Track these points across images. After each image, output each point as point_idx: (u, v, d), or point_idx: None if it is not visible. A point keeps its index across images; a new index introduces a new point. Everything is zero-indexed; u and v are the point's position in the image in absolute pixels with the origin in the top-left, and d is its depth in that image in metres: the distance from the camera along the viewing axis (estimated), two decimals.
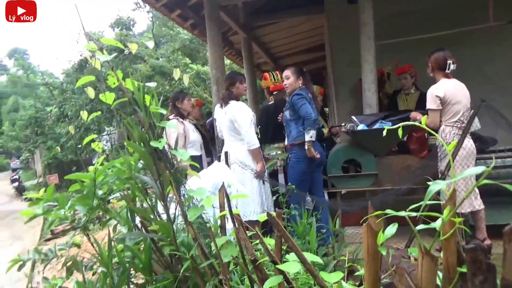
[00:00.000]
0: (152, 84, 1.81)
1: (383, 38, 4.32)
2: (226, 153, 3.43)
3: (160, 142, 1.71)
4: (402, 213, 0.85)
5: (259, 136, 3.71)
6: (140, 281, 2.17)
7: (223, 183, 1.61)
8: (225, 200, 1.68)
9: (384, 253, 0.85)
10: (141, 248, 2.15)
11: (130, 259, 1.98)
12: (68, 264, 2.18)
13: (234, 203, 2.67)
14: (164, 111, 1.87)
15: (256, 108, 7.11)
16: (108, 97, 2.02)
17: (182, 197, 1.88)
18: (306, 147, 3.46)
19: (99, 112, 2.05)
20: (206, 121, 5.35)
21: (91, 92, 2.06)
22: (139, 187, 2.11)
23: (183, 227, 2.27)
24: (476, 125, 3.18)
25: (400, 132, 1.10)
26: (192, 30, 6.48)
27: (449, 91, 3.15)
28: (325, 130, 4.72)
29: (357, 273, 1.52)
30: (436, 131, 3.37)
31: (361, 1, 4.24)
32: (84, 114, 2.09)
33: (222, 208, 1.65)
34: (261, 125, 4.08)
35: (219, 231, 1.72)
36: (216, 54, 4.64)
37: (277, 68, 10.20)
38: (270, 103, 4.41)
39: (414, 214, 0.87)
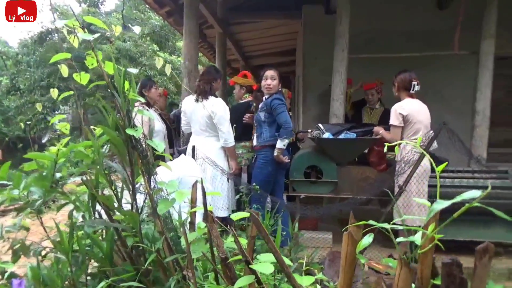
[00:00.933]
0: (134, 71, 1.76)
1: (355, 52, 4.47)
2: (193, 147, 3.39)
3: (136, 130, 1.67)
4: (385, 225, 0.90)
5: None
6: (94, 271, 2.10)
7: (201, 179, 1.60)
8: (201, 195, 1.67)
9: (363, 261, 0.90)
10: (100, 237, 2.09)
11: (88, 248, 1.92)
12: (16, 247, 2.07)
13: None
14: (142, 99, 1.83)
15: None
16: (83, 78, 1.95)
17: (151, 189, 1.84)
18: (275, 153, 3.54)
19: (71, 92, 1.96)
20: (171, 112, 5.25)
21: (64, 70, 1.97)
22: (105, 173, 2.05)
23: (143, 218, 2.24)
24: (434, 145, 3.39)
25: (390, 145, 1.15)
26: (166, 18, 6.34)
27: (412, 110, 3.33)
28: None
29: (316, 277, 1.58)
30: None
31: (339, 14, 4.36)
32: (54, 92, 1.99)
33: (194, 203, 1.63)
34: (231, 123, 4.08)
35: (188, 226, 1.71)
36: (191, 46, 4.57)
37: (246, 67, 10.22)
38: (242, 101, 4.40)
39: (399, 226, 0.92)
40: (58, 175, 2.06)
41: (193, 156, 3.36)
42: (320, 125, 4.10)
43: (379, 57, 4.80)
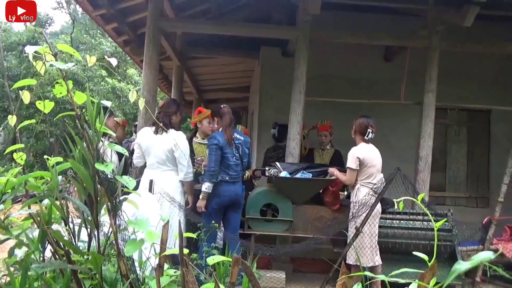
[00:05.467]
0: (107, 103, 1.70)
1: (309, 94, 4.67)
2: (151, 181, 3.27)
3: (107, 166, 1.59)
4: (382, 277, 0.92)
5: None
6: None
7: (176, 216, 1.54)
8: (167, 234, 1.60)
9: None
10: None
11: None
12: None
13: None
14: (113, 133, 1.76)
15: None
16: (47, 106, 1.85)
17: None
18: (200, 196, 3.55)
19: (33, 120, 1.83)
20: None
21: (26, 97, 1.85)
22: (62, 208, 1.91)
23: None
24: (382, 185, 3.58)
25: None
26: (123, 46, 6.25)
27: (368, 154, 3.52)
28: (245, 173, 4.75)
29: None
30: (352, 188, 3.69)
31: (298, 58, 4.58)
32: (12, 119, 1.85)
33: (164, 244, 1.56)
34: None
35: (155, 270, 1.62)
36: (151, 77, 4.51)
37: (200, 100, 10.25)
38: None
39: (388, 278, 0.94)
40: (0, 207, 1.90)
41: (150, 190, 3.23)
42: (277, 163, 4.17)
43: (331, 101, 5.07)
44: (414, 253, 0.93)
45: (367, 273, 1.02)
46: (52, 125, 12.30)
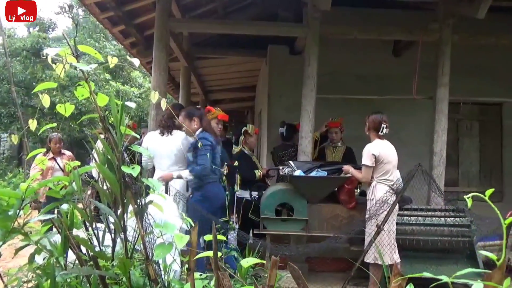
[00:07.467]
0: (132, 105, 1.67)
1: (320, 92, 4.62)
2: (167, 183, 3.26)
3: (133, 168, 1.56)
4: (444, 278, 0.88)
5: None
6: None
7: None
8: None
9: None
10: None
11: None
12: None
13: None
14: (137, 135, 1.73)
15: None
16: (68, 109, 1.82)
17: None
18: (174, 175, 3.42)
19: (54, 124, 1.80)
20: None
21: (46, 100, 1.82)
22: (85, 212, 1.89)
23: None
24: (400, 183, 3.53)
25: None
26: (130, 48, 6.22)
27: (383, 151, 3.47)
28: (258, 172, 4.71)
29: None
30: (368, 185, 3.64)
31: (308, 55, 4.53)
32: (33, 124, 1.82)
33: (195, 248, 1.53)
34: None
35: (186, 274, 1.59)
36: (160, 79, 4.49)
37: (206, 101, 10.23)
38: None
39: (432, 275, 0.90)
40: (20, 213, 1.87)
41: (166, 192, 3.21)
42: (291, 162, 4.13)
43: (342, 98, 5.03)
44: (481, 252, 0.88)
45: (428, 273, 0.97)
46: (59, 130, 12.31)
